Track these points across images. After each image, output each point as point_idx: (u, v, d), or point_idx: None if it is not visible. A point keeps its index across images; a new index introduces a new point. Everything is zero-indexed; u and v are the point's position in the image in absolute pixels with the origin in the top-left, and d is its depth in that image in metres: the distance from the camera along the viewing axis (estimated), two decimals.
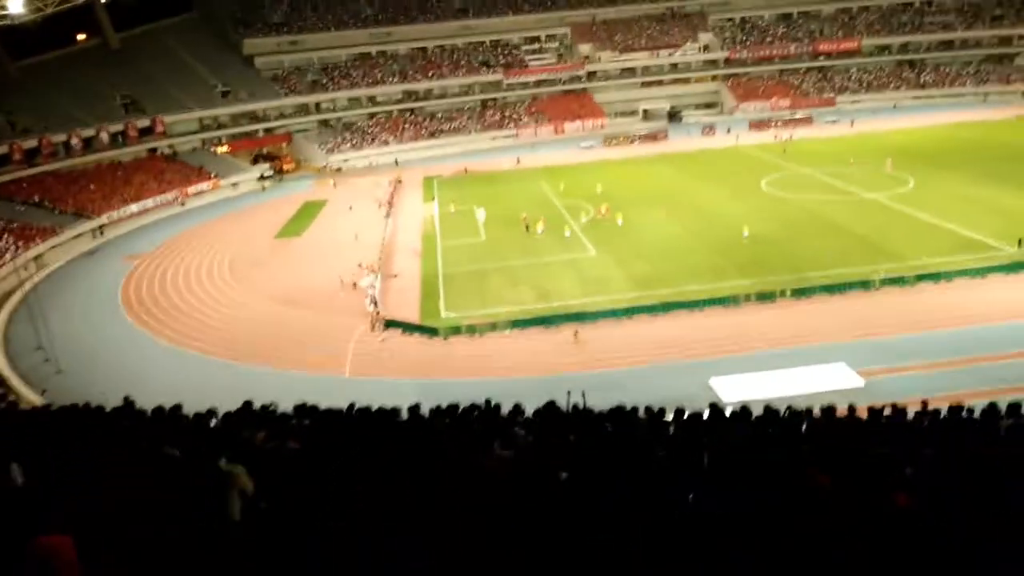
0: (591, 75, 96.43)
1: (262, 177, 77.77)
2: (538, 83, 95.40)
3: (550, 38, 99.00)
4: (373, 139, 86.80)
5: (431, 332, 34.47)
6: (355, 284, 41.46)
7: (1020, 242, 38.38)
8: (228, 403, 14.64)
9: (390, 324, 35.55)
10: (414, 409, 14.11)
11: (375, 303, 37.01)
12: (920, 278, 35.40)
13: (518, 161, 75.35)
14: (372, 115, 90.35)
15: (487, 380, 29.34)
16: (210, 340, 36.27)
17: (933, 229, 43.20)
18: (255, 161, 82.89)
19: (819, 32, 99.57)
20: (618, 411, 11.88)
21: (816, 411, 10.71)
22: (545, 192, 60.72)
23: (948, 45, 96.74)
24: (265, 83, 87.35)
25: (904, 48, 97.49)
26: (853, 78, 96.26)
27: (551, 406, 11.17)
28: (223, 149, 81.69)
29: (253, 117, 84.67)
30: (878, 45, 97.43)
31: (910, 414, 13.03)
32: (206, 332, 37.43)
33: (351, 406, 14.44)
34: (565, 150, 79.74)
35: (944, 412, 13.87)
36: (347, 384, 30.23)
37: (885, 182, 54.35)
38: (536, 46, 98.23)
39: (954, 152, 62.65)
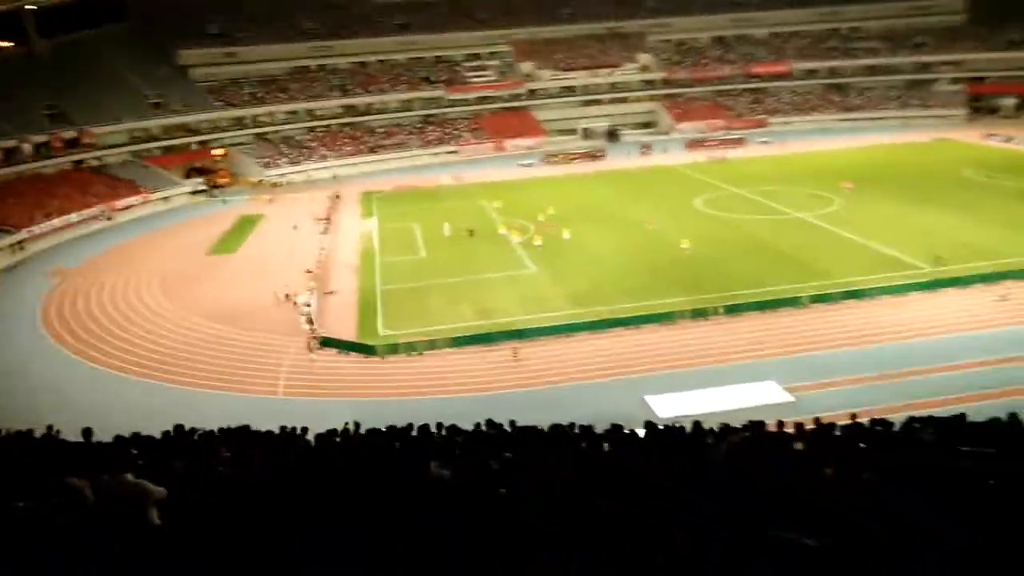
0: (532, 93, 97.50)
1: (195, 192, 75.82)
2: (479, 100, 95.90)
3: (492, 55, 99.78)
4: (311, 154, 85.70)
5: (368, 351, 34.06)
6: (287, 296, 40.73)
7: (937, 259, 40.23)
8: (157, 426, 14.22)
9: (326, 343, 35.00)
10: (348, 430, 13.96)
11: (311, 322, 36.39)
12: (846, 295, 36.73)
13: (457, 178, 75.44)
14: (311, 129, 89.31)
15: (425, 399, 29.16)
16: (138, 360, 35.00)
17: (857, 248, 44.89)
18: (188, 175, 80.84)
19: (752, 55, 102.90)
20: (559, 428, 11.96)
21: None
22: (484, 208, 60.89)
23: (873, 70, 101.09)
24: (200, 95, 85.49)
25: (832, 72, 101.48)
26: (784, 100, 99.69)
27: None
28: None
29: (187, 130, 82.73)
30: (808, 69, 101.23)
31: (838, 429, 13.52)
32: (134, 352, 36.11)
33: (283, 428, 14.21)
34: (505, 167, 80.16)
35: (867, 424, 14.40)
36: (281, 405, 29.58)
37: (813, 202, 56.26)
38: (478, 63, 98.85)
39: (877, 173, 65.25)
